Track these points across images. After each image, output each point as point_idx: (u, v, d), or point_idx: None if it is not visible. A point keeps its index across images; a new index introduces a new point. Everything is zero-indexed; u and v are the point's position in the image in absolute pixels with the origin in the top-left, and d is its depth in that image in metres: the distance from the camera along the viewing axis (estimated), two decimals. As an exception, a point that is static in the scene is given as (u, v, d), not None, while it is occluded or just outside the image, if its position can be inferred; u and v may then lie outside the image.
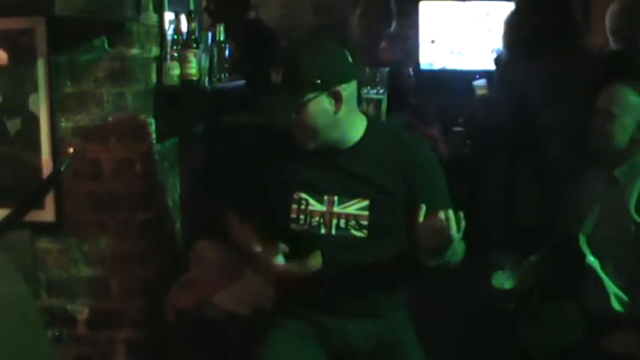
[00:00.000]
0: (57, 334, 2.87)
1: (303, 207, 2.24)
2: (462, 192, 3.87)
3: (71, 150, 2.80)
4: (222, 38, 3.04)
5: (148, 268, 2.89)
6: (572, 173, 2.96)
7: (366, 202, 2.22)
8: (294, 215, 2.25)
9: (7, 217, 2.74)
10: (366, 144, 2.26)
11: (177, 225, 3.12)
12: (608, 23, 3.41)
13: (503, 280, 2.83)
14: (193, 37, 2.87)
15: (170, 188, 3.06)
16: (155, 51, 2.87)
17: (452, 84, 5.88)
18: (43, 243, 2.90)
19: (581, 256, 2.71)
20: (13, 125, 2.88)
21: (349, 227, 2.22)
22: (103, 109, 2.81)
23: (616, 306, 2.61)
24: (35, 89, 2.83)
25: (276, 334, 2.31)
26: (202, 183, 3.21)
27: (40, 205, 2.85)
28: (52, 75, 2.81)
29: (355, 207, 2.23)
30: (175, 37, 2.87)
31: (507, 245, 3.19)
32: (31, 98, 2.84)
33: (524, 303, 2.78)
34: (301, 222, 2.25)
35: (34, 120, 2.85)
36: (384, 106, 3.05)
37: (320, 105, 2.17)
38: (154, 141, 2.89)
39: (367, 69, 3.12)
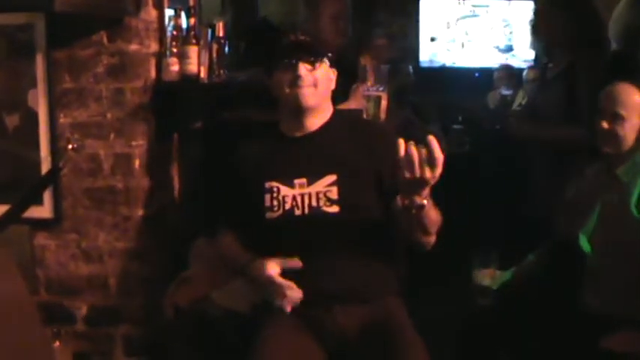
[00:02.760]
0: (55, 330, 2.87)
1: (275, 194, 2.36)
2: (462, 190, 3.91)
3: (71, 147, 2.81)
4: (221, 34, 3.04)
5: (147, 265, 2.89)
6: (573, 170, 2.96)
7: (333, 177, 2.34)
8: (268, 204, 2.36)
9: (6, 213, 2.74)
10: (330, 128, 2.44)
11: (176, 222, 3.11)
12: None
13: (483, 278, 2.85)
14: (193, 33, 2.85)
15: (169, 185, 3.05)
16: (154, 47, 2.86)
17: (452, 81, 5.90)
18: (42, 239, 2.90)
19: (581, 255, 2.70)
20: (12, 121, 2.89)
21: (320, 204, 2.33)
22: (102, 105, 2.81)
23: (616, 306, 2.59)
24: (34, 85, 2.84)
25: (270, 331, 2.31)
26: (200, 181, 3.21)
27: (38, 201, 2.84)
28: (50, 70, 2.82)
29: (324, 184, 2.34)
30: (175, 33, 2.86)
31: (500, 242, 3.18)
32: (30, 94, 2.85)
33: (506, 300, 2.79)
34: (275, 208, 2.35)
35: (33, 115, 2.86)
36: (383, 103, 3.05)
37: (327, 71, 2.42)
38: (154, 137, 2.88)
39: (366, 66, 3.12)
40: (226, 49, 3.02)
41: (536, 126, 3.42)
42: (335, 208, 2.32)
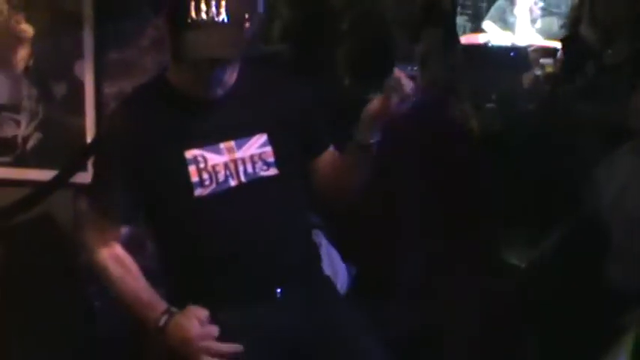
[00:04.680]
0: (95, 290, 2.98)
1: (202, 165, 1.96)
2: (493, 168, 3.96)
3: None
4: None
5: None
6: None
7: (264, 137, 2.03)
8: (195, 179, 1.95)
9: (53, 179, 2.89)
10: (239, 88, 2.04)
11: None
12: None
13: (512, 256, 2.90)
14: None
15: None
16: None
17: (486, 60, 5.90)
18: (84, 203, 3.00)
19: (606, 232, 2.74)
20: (60, 89, 2.99)
21: (257, 169, 2.01)
22: (147, 77, 2.87)
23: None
24: (81, 56, 2.93)
25: None
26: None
27: (83, 168, 2.93)
28: (97, 42, 2.91)
29: (256, 145, 2.02)
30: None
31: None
32: (77, 64, 2.94)
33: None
34: (206, 183, 1.96)
35: (79, 85, 2.95)
36: (417, 82, 3.10)
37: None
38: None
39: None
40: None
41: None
42: (273, 171, 2.02)
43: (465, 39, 5.46)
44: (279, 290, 2.02)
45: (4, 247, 2.68)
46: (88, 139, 2.95)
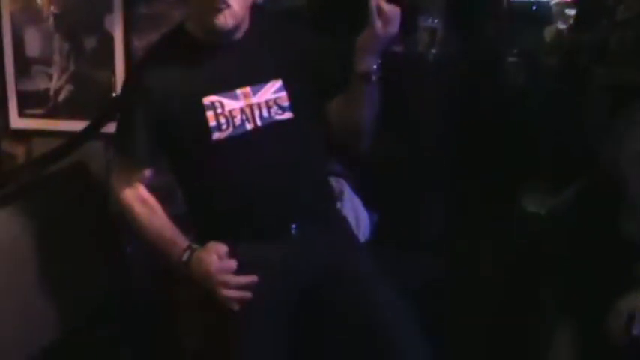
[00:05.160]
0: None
1: (219, 110, 2.06)
2: (514, 121, 3.99)
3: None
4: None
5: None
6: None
7: (278, 82, 2.11)
8: (213, 123, 2.05)
9: (85, 130, 2.97)
10: (254, 33, 2.14)
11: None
12: None
13: (531, 204, 2.93)
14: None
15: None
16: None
17: (507, 14, 5.86)
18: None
19: (620, 185, 2.73)
20: (89, 43, 3.06)
21: (272, 113, 2.10)
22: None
23: None
24: (111, 10, 3.00)
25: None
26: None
27: (114, 118, 3.02)
28: (127, -4, 2.95)
29: (271, 90, 2.10)
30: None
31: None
32: (107, 18, 3.01)
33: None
34: (223, 127, 2.05)
35: (110, 39, 3.02)
36: (438, 35, 3.12)
37: None
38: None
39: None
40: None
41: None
42: (288, 115, 2.11)
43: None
44: (293, 226, 2.11)
45: (39, 196, 2.76)
46: (118, 91, 3.01)
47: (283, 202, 2.09)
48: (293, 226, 2.11)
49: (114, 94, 3.05)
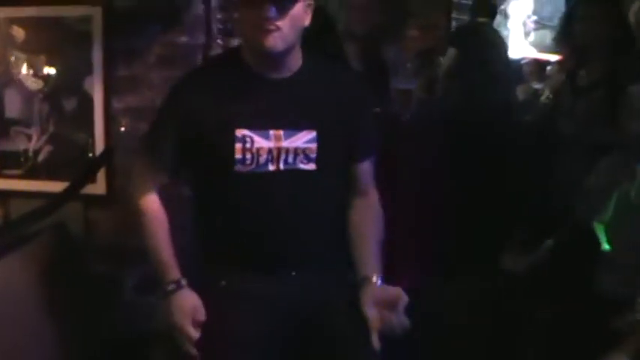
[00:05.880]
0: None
1: (248, 145, 2.06)
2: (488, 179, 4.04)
3: (123, 128, 3.01)
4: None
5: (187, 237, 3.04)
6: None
7: (312, 134, 2.10)
8: (239, 156, 2.06)
9: (64, 191, 2.97)
10: (304, 75, 2.14)
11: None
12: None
13: (510, 262, 2.97)
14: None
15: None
16: (202, 39, 3.02)
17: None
18: (95, 214, 3.08)
19: (597, 240, 2.79)
20: (69, 104, 3.08)
21: (297, 161, 2.10)
22: (153, 92, 2.98)
23: (629, 290, 2.59)
24: (90, 72, 3.03)
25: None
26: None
27: (92, 180, 3.04)
28: (106, 59, 3.00)
29: (302, 139, 2.10)
30: (220, 26, 3.04)
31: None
32: (87, 80, 3.04)
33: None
34: (247, 162, 2.07)
35: (89, 100, 3.05)
36: (412, 95, 3.19)
37: (300, 9, 2.04)
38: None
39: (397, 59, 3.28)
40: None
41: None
42: (311, 166, 2.11)
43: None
44: (293, 273, 2.15)
45: (17, 258, 2.75)
46: (97, 152, 3.06)
47: (287, 246, 2.12)
48: (293, 272, 2.15)
49: (92, 155, 3.07)
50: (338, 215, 2.24)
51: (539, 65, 5.59)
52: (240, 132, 2.06)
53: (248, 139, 2.06)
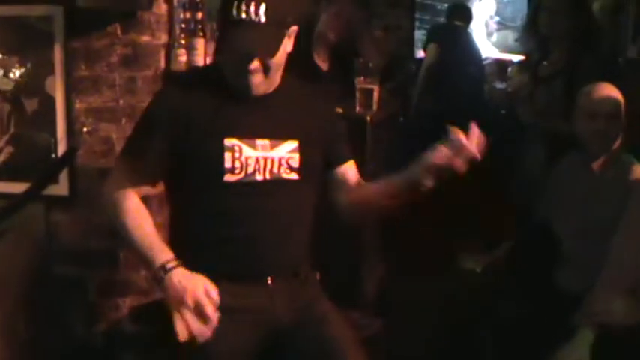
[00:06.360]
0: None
1: (237, 155, 2.09)
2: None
3: (85, 130, 3.00)
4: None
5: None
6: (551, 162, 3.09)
7: (294, 144, 2.16)
8: (228, 165, 2.08)
9: (26, 192, 2.95)
10: (284, 88, 2.19)
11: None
12: None
13: (468, 261, 3.00)
14: (200, 26, 3.01)
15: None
16: (164, 39, 3.01)
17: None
18: (57, 215, 3.06)
19: (556, 238, 2.85)
20: (31, 105, 3.06)
21: (281, 171, 2.15)
22: (115, 92, 2.98)
23: (587, 286, 2.61)
24: (52, 72, 3.01)
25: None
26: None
27: (55, 180, 3.02)
28: (68, 59, 2.99)
29: (286, 150, 2.15)
30: (183, 26, 3.02)
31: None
32: (48, 80, 3.02)
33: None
34: (236, 171, 2.09)
35: (51, 100, 3.02)
36: (375, 95, 3.20)
37: (284, 47, 2.09)
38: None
39: (360, 59, 3.30)
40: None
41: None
42: (294, 176, 2.16)
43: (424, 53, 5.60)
44: (269, 280, 2.15)
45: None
46: (59, 153, 3.03)
47: (266, 254, 2.14)
48: (269, 279, 2.15)
49: (57, 156, 3.05)
50: (310, 226, 2.27)
51: (501, 65, 5.65)
52: (229, 141, 2.08)
53: (237, 148, 2.09)
